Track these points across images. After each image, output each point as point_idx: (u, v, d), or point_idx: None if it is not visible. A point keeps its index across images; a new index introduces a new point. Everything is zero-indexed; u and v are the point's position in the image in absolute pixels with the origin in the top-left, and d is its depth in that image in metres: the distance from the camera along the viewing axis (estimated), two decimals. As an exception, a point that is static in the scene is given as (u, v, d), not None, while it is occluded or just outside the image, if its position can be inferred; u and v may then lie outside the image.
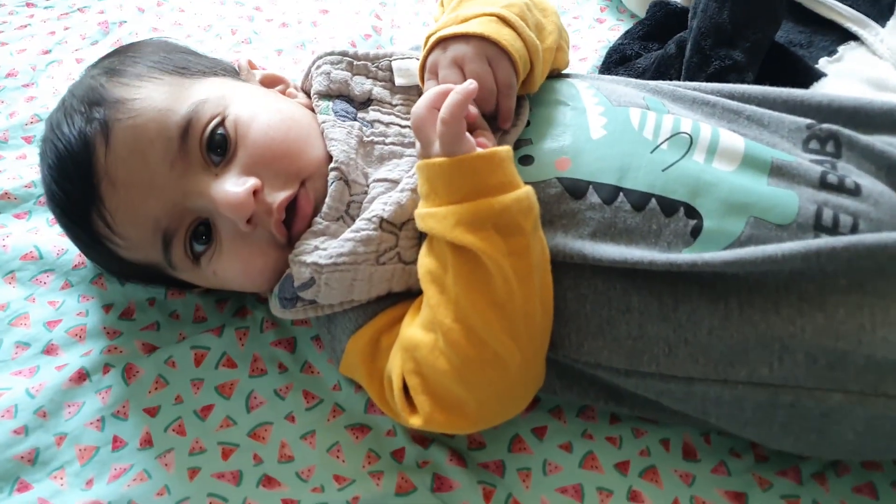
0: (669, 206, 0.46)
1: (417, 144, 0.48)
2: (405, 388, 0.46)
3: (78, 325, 0.58)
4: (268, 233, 0.49)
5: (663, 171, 0.47)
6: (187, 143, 0.50)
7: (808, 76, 0.79)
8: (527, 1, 0.54)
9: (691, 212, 0.45)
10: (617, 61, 0.83)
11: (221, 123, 0.50)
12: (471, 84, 0.45)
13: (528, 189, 0.45)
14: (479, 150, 0.44)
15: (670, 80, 0.77)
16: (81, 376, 0.54)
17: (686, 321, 0.44)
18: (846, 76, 0.82)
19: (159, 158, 0.49)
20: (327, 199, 0.50)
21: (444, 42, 0.51)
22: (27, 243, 0.62)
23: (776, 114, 0.52)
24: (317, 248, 0.48)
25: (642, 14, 0.91)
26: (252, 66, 0.60)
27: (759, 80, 0.77)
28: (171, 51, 0.58)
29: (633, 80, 0.58)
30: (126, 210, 0.49)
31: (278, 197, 0.49)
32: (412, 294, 0.50)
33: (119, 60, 0.55)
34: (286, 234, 0.50)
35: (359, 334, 0.49)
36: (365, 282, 0.48)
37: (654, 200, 0.46)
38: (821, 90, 0.76)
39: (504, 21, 0.50)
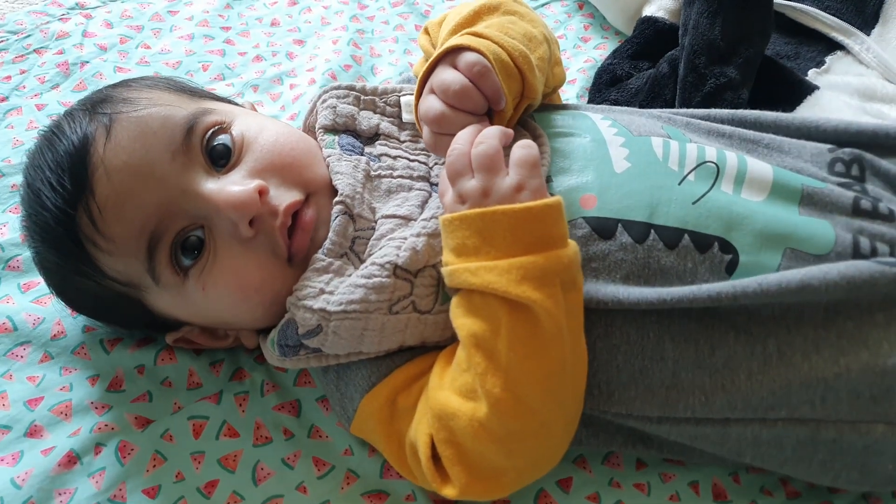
0: (703, 242, 0.45)
1: (448, 194, 0.46)
2: (434, 455, 0.45)
3: (62, 401, 0.55)
4: (269, 243, 0.48)
5: (693, 204, 0.46)
6: (191, 140, 0.49)
7: (801, 89, 0.80)
8: (511, 18, 0.54)
9: (726, 246, 0.45)
10: (607, 82, 0.83)
11: (226, 131, 0.51)
12: (505, 131, 0.46)
13: (574, 243, 0.44)
14: (535, 199, 0.43)
15: (665, 100, 0.78)
16: (71, 459, 0.52)
17: (723, 367, 0.44)
18: (835, 88, 0.84)
19: (161, 148, 0.48)
20: (330, 234, 0.49)
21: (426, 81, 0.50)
22: (-2, 314, 0.59)
23: (795, 140, 0.53)
24: (322, 290, 0.47)
25: (627, 31, 0.92)
26: (254, 109, 0.62)
27: (752, 96, 0.78)
28: (179, 81, 0.59)
29: (643, 110, 0.58)
30: (117, 201, 0.47)
31: (285, 200, 0.48)
32: (426, 348, 0.49)
33: (126, 81, 0.57)
34: (288, 244, 0.49)
35: (373, 394, 0.48)
36: (376, 332, 0.47)
37: (687, 237, 0.45)
38: (817, 106, 0.78)
39: (477, 35, 0.50)
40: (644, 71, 0.82)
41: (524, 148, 0.45)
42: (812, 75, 0.86)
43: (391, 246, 0.47)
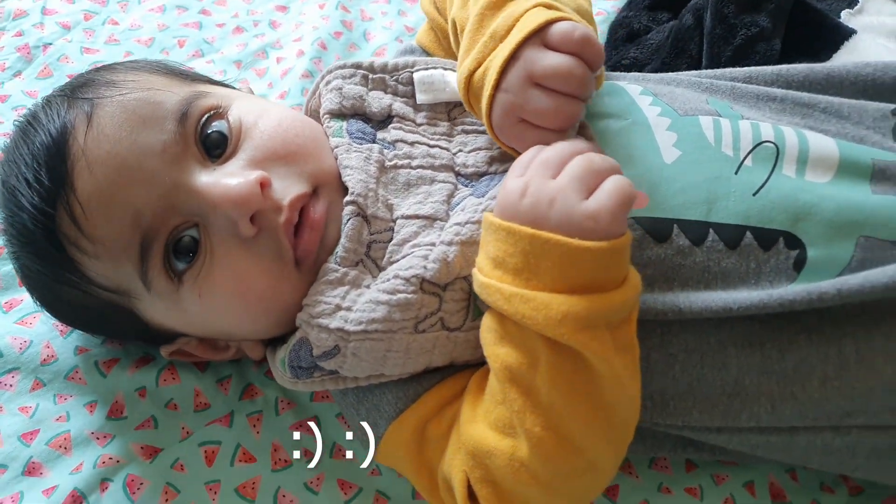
0: (768, 238, 0.42)
1: (515, 178, 0.40)
2: (470, 492, 0.42)
3: (60, 433, 0.52)
4: (272, 243, 0.44)
5: (754, 195, 0.43)
6: (184, 128, 0.45)
7: (837, 35, 0.76)
8: None
9: (792, 241, 0.41)
10: (624, 37, 0.78)
11: (222, 117, 0.47)
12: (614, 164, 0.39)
13: (635, 272, 0.39)
14: (606, 240, 0.36)
15: (690, 56, 0.73)
16: (76, 499, 0.48)
17: (793, 372, 0.41)
18: (870, 30, 0.79)
19: (150, 139, 0.44)
20: (343, 241, 0.44)
21: (505, 73, 0.42)
22: (-19, 340, 0.56)
23: (854, 102, 0.48)
24: (339, 307, 0.43)
25: (642, -23, 0.86)
26: (252, 93, 0.57)
27: (785, 45, 0.74)
28: (169, 64, 0.54)
29: (682, 77, 0.53)
30: (101, 198, 0.43)
31: (290, 193, 0.44)
32: (455, 367, 0.45)
33: (110, 65, 0.53)
34: (294, 244, 0.45)
35: (400, 422, 0.45)
36: (401, 353, 0.43)
37: (749, 234, 0.42)
38: (855, 52, 0.73)
39: (552, 8, 0.42)
40: (663, 24, 0.76)
41: (626, 185, 0.37)
42: (845, 17, 0.81)
43: (417, 255, 0.43)
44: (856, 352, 0.40)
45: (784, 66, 0.53)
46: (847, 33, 0.75)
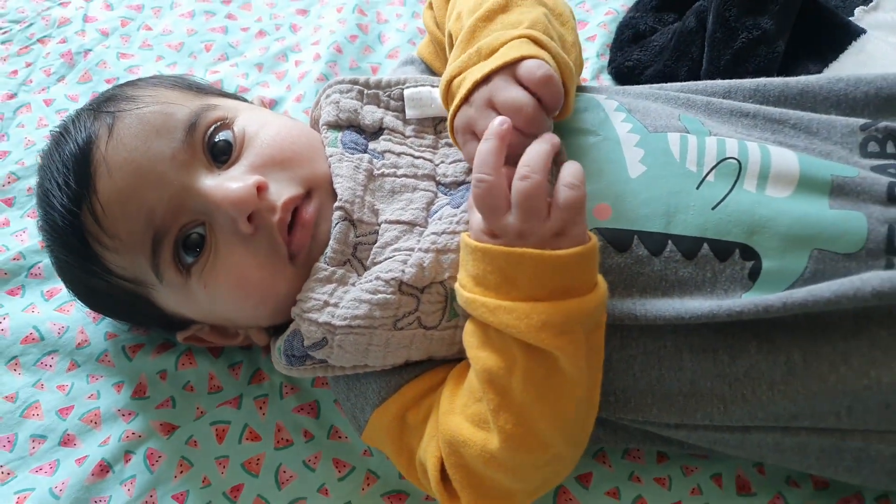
0: (723, 250, 0.44)
1: (477, 220, 0.43)
2: (443, 475, 0.46)
3: (91, 409, 0.58)
4: (268, 240, 0.49)
5: (713, 209, 0.45)
6: (192, 138, 0.50)
7: (846, 34, 0.75)
8: (545, 12, 0.50)
9: (748, 252, 0.44)
10: (630, 39, 0.79)
11: (228, 127, 0.52)
12: (552, 145, 0.42)
13: (603, 279, 0.42)
14: (577, 246, 0.40)
15: (692, 58, 0.74)
16: (103, 469, 0.55)
17: (744, 377, 0.43)
18: (885, 27, 0.79)
19: (162, 147, 0.49)
20: (331, 242, 0.49)
21: (475, 90, 0.46)
22: (25, 324, 0.62)
23: (824, 117, 0.50)
24: (327, 303, 0.48)
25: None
26: (265, 105, 0.63)
27: (790, 47, 0.74)
28: (186, 78, 0.60)
29: (661, 92, 0.55)
30: (119, 199, 0.49)
31: (284, 195, 0.49)
32: (434, 362, 0.49)
33: (133, 80, 0.59)
34: (288, 240, 0.49)
35: (383, 409, 0.49)
36: (381, 347, 0.48)
37: (706, 245, 0.44)
38: (862, 52, 0.73)
39: (536, 42, 0.46)
40: (669, 25, 0.78)
41: (572, 188, 0.41)
42: (859, 14, 0.80)
43: (397, 259, 0.47)
44: (803, 360, 0.42)
45: (763, 81, 0.54)
46: (855, 33, 0.75)
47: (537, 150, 0.41)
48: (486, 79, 0.45)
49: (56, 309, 0.64)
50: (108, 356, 0.61)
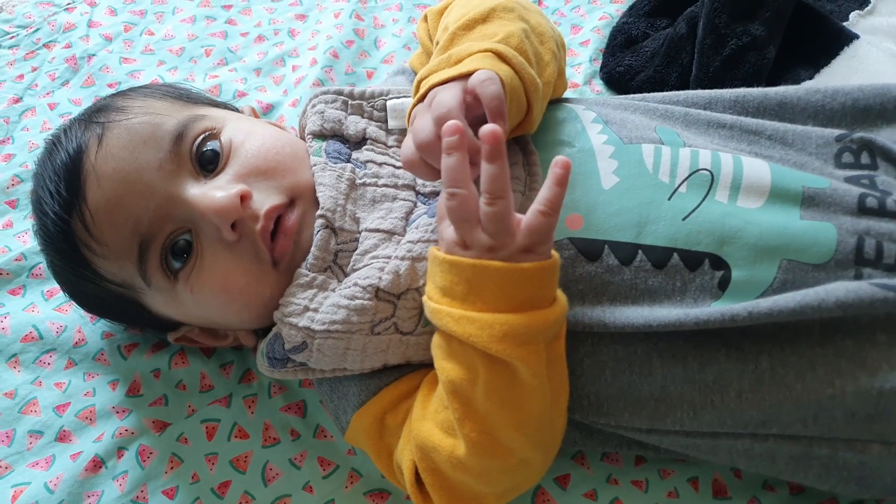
0: (693, 260, 0.45)
1: (448, 231, 0.44)
2: (418, 478, 0.48)
3: (86, 406, 0.61)
4: (252, 247, 0.50)
5: (684, 220, 0.46)
6: (179, 148, 0.52)
7: (838, 40, 0.76)
8: (525, 27, 0.52)
9: (718, 262, 0.45)
10: (622, 43, 0.80)
11: (216, 137, 0.53)
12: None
13: (563, 294, 0.43)
14: (538, 261, 0.41)
15: (682, 64, 0.75)
16: (97, 464, 0.57)
17: (713, 383, 0.44)
18: (879, 31, 0.79)
19: (149, 157, 0.51)
20: (312, 249, 0.50)
21: (435, 89, 0.48)
22: (25, 323, 0.65)
23: (800, 128, 0.51)
24: (307, 308, 0.49)
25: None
26: (255, 114, 0.64)
27: (782, 53, 0.74)
28: (178, 87, 0.62)
29: (640, 103, 0.56)
30: (107, 207, 0.50)
31: (267, 204, 0.50)
32: (412, 366, 0.51)
33: (125, 91, 0.60)
34: (270, 247, 0.51)
35: (363, 411, 0.51)
36: (359, 351, 0.49)
37: (676, 256, 0.45)
38: (854, 58, 0.74)
39: (500, 57, 0.47)
40: (661, 31, 0.78)
41: (544, 216, 0.41)
42: (854, 18, 0.80)
43: (374, 267, 0.49)
44: (770, 368, 0.43)
45: (742, 91, 0.55)
46: (847, 39, 0.75)
47: (493, 173, 0.41)
48: (443, 82, 0.47)
49: (55, 309, 0.66)
50: (104, 355, 0.63)
